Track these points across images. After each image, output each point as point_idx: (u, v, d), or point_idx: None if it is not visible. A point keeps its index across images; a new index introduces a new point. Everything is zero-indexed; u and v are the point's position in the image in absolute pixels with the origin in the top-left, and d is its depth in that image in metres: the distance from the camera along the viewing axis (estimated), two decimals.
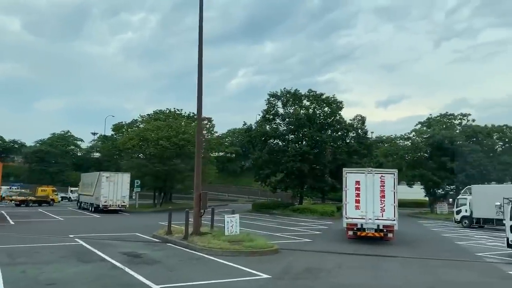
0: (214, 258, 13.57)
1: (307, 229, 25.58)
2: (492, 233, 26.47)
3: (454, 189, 46.34)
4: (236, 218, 18.03)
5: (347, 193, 19.68)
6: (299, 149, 38.02)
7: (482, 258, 15.62)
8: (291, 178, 40.05)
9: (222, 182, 79.38)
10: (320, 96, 41.37)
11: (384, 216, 19.03)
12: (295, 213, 36.83)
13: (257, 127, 41.34)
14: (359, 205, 19.33)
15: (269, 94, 42.38)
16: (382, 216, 19.05)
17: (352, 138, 44.25)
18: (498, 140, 46.09)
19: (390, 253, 16.08)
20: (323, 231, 24.85)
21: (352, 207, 19.43)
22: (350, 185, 19.73)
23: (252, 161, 42.11)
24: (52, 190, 49.08)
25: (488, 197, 28.87)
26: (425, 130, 46.76)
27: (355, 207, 19.38)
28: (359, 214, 19.23)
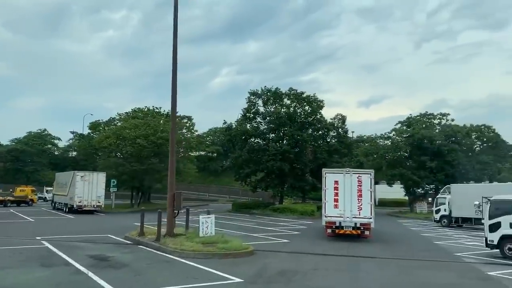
0: (186, 260, 12.95)
1: (286, 229, 25.12)
2: (470, 233, 26.46)
3: (433, 188, 46.58)
4: (211, 218, 17.42)
5: (326, 192, 20.36)
6: (279, 148, 37.56)
7: (461, 258, 15.38)
8: (271, 178, 39.57)
9: (203, 181, 78.58)
10: (300, 95, 41.01)
11: (361, 214, 19.66)
12: (275, 212, 36.37)
13: (237, 126, 40.74)
14: (337, 204, 19.96)
15: (249, 92, 41.90)
16: (359, 215, 19.67)
17: (332, 137, 44.01)
18: (476, 139, 46.57)
19: (368, 254, 15.71)
20: (302, 231, 24.42)
21: (331, 206, 20.05)
22: (329, 185, 20.37)
23: (232, 160, 41.47)
24: (32, 190, 47.61)
25: (467, 196, 28.94)
26: (405, 129, 46.89)
27: (334, 206, 19.99)
28: (337, 213, 19.85)
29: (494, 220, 15.56)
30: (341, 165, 40.70)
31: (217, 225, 26.46)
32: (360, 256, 15.23)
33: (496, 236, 15.38)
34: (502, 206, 15.42)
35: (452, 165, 43.07)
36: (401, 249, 17.86)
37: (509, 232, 15.02)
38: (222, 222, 29.45)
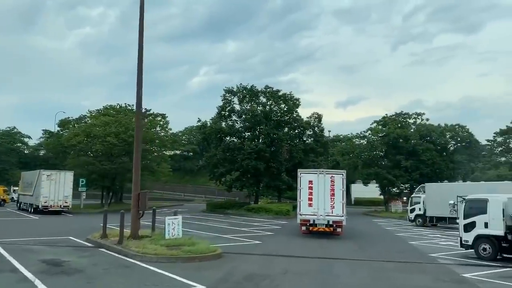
0: (147, 265, 12.06)
1: (259, 229, 24.41)
2: (444, 232, 26.34)
3: (408, 187, 46.74)
4: (178, 219, 16.51)
5: (301, 192, 21.25)
6: (255, 147, 36.83)
7: (435, 259, 14.95)
8: (246, 177, 38.80)
9: (178, 181, 77.19)
10: (276, 93, 40.38)
11: (334, 212, 20.63)
12: (250, 212, 35.64)
13: (212, 124, 39.79)
14: (311, 203, 20.82)
15: (224, 90, 41.03)
16: (332, 213, 20.63)
17: (309, 136, 43.60)
18: (450, 139, 46.89)
19: (341, 255, 15.14)
20: (275, 231, 23.76)
21: (305, 204, 20.91)
22: (304, 185, 21.28)
23: (207, 159, 40.51)
24: (3, 190, 45.54)
25: (441, 195, 28.86)
26: (380, 129, 46.86)
27: (308, 204, 20.86)
28: (311, 211, 20.74)
29: (469, 219, 15.22)
30: (317, 164, 40.37)
31: (188, 226, 25.69)
32: (332, 257, 14.64)
33: (471, 236, 15.03)
34: (477, 206, 15.09)
35: (427, 164, 43.22)
36: (375, 250, 17.38)
37: (484, 232, 14.69)
38: (194, 222, 28.60)
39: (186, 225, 26.20)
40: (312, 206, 20.73)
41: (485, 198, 14.97)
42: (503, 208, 14.30)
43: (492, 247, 14.45)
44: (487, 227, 14.61)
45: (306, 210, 20.84)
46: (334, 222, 20.52)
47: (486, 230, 14.62)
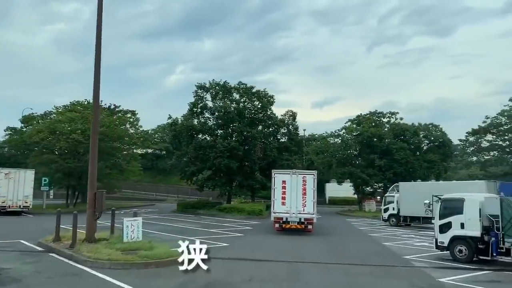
0: (97, 272, 10.87)
1: (229, 230, 23.36)
2: (418, 232, 25.86)
3: (382, 186, 46.53)
4: (139, 221, 15.31)
5: (275, 191, 22.56)
6: (227, 145, 35.68)
7: (410, 262, 14.23)
8: (219, 176, 37.62)
9: (150, 180, 75.28)
10: (250, 89, 39.35)
11: (305, 210, 21.93)
12: (221, 212, 34.54)
13: (183, 121, 38.41)
14: (285, 202, 22.07)
15: (196, 86, 39.69)
16: (303, 211, 21.92)
17: (283, 135, 42.79)
18: (424, 138, 46.90)
19: (311, 258, 14.25)
20: (246, 232, 22.75)
21: (279, 203, 22.17)
22: (277, 184, 22.56)
23: (177, 158, 39.13)
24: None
25: (415, 194, 28.45)
26: (355, 127, 46.47)
27: (281, 203, 22.12)
28: (284, 209, 21.98)
29: (444, 220, 14.59)
30: (291, 162, 39.64)
31: (154, 227, 24.41)
32: (303, 261, 13.73)
33: (446, 237, 14.40)
34: (453, 205, 14.48)
35: (401, 163, 43.04)
36: (348, 252, 16.61)
37: (460, 233, 14.07)
38: (161, 223, 27.32)
39: (152, 226, 25.04)
40: (285, 205, 21.95)
41: (461, 198, 14.36)
42: (479, 208, 13.70)
43: (468, 249, 13.84)
44: (463, 227, 14.00)
45: (280, 209, 22.07)
46: (306, 219, 21.84)
47: (462, 231, 14.01)
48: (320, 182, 65.68)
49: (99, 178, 43.09)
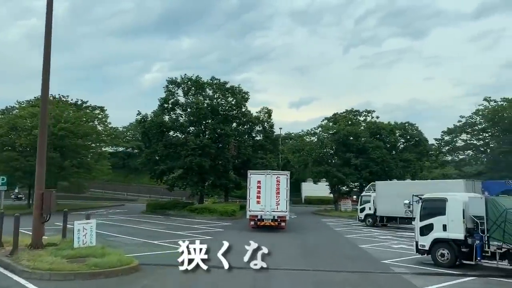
0: (33, 285, 9.33)
1: (198, 233, 21.91)
2: (396, 233, 24.96)
3: (358, 186, 45.90)
4: (92, 224, 13.77)
5: (250, 190, 23.77)
6: (199, 142, 34.10)
7: (389, 267, 13.13)
8: (190, 175, 35.99)
9: (122, 180, 72.86)
10: (224, 85, 37.85)
11: (279, 209, 23.18)
12: (193, 213, 33.01)
13: (153, 117, 36.59)
14: (259, 200, 23.36)
15: (168, 81, 37.95)
16: (277, 209, 23.16)
17: (258, 133, 41.54)
18: (400, 137, 46.49)
19: (282, 264, 12.95)
20: (216, 235, 21.32)
21: (254, 202, 23.45)
22: (253, 184, 23.82)
23: (147, 156, 37.36)
24: None
25: (392, 194, 27.64)
26: (331, 126, 45.64)
27: (256, 202, 23.39)
28: (259, 208, 23.21)
29: (425, 221, 13.57)
30: (266, 161, 38.49)
31: (117, 229, 22.74)
32: (272, 268, 12.42)
33: (427, 240, 13.37)
34: (435, 206, 13.47)
35: (377, 162, 42.42)
36: (322, 256, 15.46)
37: (442, 236, 13.07)
38: (126, 225, 25.64)
39: (115, 228, 23.38)
40: (260, 203, 23.27)
41: (444, 198, 13.37)
42: (463, 208, 12.73)
43: (451, 253, 12.85)
44: (446, 230, 13.00)
45: (255, 207, 23.35)
46: (279, 217, 23.11)
47: (445, 233, 13.00)
48: (296, 182, 65.77)
49: (65, 177, 41.45)
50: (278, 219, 23.01)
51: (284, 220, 23.33)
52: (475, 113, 50.11)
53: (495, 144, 47.47)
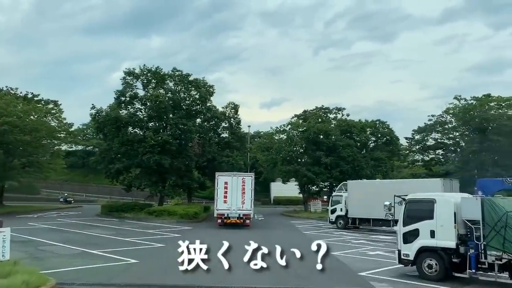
0: None
1: (151, 239, 19.33)
2: (369, 236, 23.06)
3: (328, 185, 44.22)
4: (5, 234, 11.00)
5: (218, 191, 25.55)
6: (158, 139, 31.32)
7: (368, 282, 11.02)
8: (149, 174, 33.08)
9: (81, 180, 68.82)
10: (186, 77, 35.04)
11: (244, 207, 25.03)
12: (151, 216, 30.23)
13: (109, 112, 33.46)
14: (226, 200, 25.23)
15: (125, 72, 34.86)
16: (242, 207, 24.99)
17: (224, 129, 39.12)
18: (371, 135, 45.08)
19: (240, 280, 10.67)
20: (169, 242, 18.76)
21: (221, 201, 25.31)
22: (220, 185, 25.61)
23: (101, 153, 34.26)
24: None
25: (364, 194, 25.89)
26: (301, 123, 43.69)
27: (223, 201, 25.24)
28: (226, 207, 25.08)
29: (410, 227, 11.56)
30: (232, 159, 36.16)
31: (58, 236, 19.77)
32: (227, 285, 10.13)
33: (412, 248, 11.36)
34: (421, 208, 11.48)
35: (347, 161, 40.81)
36: (290, 268, 13.17)
37: (429, 243, 11.08)
38: (73, 231, 22.70)
39: (57, 235, 20.51)
40: (227, 203, 25.11)
41: (432, 199, 11.39)
42: (454, 211, 10.78)
43: (440, 264, 10.87)
44: (434, 236, 11.02)
45: (222, 206, 25.17)
46: (244, 215, 24.93)
47: (433, 241, 11.02)
48: (265, 182, 63.70)
49: (10, 176, 37.67)
50: (243, 217, 24.93)
51: (249, 217, 25.22)
52: (446, 111, 49.52)
53: (466, 143, 46.89)
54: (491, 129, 43.92)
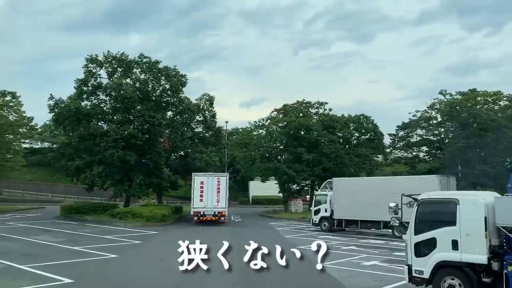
0: None
1: (103, 248, 16.23)
2: (358, 241, 20.39)
3: (309, 184, 41.72)
4: None
5: (194, 190, 26.81)
6: (122, 132, 28.09)
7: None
8: (112, 172, 29.75)
9: (47, 179, 64.49)
10: (155, 65, 31.74)
11: (219, 205, 26.36)
12: (114, 219, 27.04)
13: (69, 102, 29.97)
14: (202, 198, 26.45)
15: (86, 59, 31.35)
16: (217, 206, 26.31)
17: (198, 123, 36.11)
18: (355, 131, 42.73)
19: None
20: (125, 252, 15.78)
21: (197, 200, 26.55)
22: (197, 185, 26.83)
23: (59, 149, 30.80)
24: None
25: (352, 193, 23.34)
26: (281, 117, 40.95)
27: (199, 200, 26.48)
28: (202, 205, 26.27)
29: (424, 235, 8.86)
30: (207, 155, 33.13)
31: None
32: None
33: (428, 263, 8.68)
34: (439, 211, 8.85)
35: (330, 158, 38.33)
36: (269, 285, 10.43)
37: (451, 258, 8.43)
38: (14, 237, 19.35)
39: None
40: (203, 201, 26.37)
41: (454, 199, 8.72)
42: (485, 215, 8.15)
43: (465, 284, 8.24)
44: (457, 248, 8.38)
45: (198, 204, 26.45)
46: (219, 212, 26.29)
47: (456, 254, 8.38)
48: (243, 180, 60.81)
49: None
50: (219, 214, 26.39)
51: (224, 215, 26.67)
52: (430, 107, 47.68)
53: (451, 140, 45.10)
54: (477, 125, 42.19)
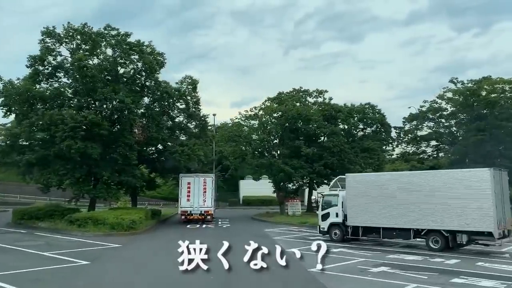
0: None
1: (35, 273, 10.94)
2: (385, 256, 15.16)
3: (308, 182, 36.73)
4: None
5: (182, 190, 28.19)
6: (82, 119, 22.75)
7: None
8: (71, 168, 24.37)
9: (16, 179, 58.66)
10: (125, 38, 26.26)
11: (205, 205, 27.81)
12: (72, 226, 21.72)
13: (20, 85, 24.54)
14: (189, 198, 27.80)
15: (43, 32, 25.81)
16: (204, 205, 27.75)
17: (180, 111, 30.86)
18: (359, 122, 37.72)
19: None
20: (66, 275, 10.52)
21: (184, 200, 27.93)
22: (184, 185, 28.20)
23: (7, 141, 25.36)
24: None
25: (372, 192, 18.01)
26: (276, 107, 35.77)
27: (186, 199, 27.83)
28: (189, 205, 27.72)
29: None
30: (189, 149, 28.02)
31: None
32: None
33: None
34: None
35: (333, 152, 33.36)
36: None
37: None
38: None
39: None
40: (190, 201, 27.62)
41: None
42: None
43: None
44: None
45: (185, 204, 27.69)
46: (205, 211, 27.47)
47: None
48: (233, 179, 55.47)
49: None
50: (205, 213, 27.26)
51: (210, 214, 27.50)
52: (440, 97, 42.85)
53: (464, 133, 40.41)
54: (497, 115, 37.56)
